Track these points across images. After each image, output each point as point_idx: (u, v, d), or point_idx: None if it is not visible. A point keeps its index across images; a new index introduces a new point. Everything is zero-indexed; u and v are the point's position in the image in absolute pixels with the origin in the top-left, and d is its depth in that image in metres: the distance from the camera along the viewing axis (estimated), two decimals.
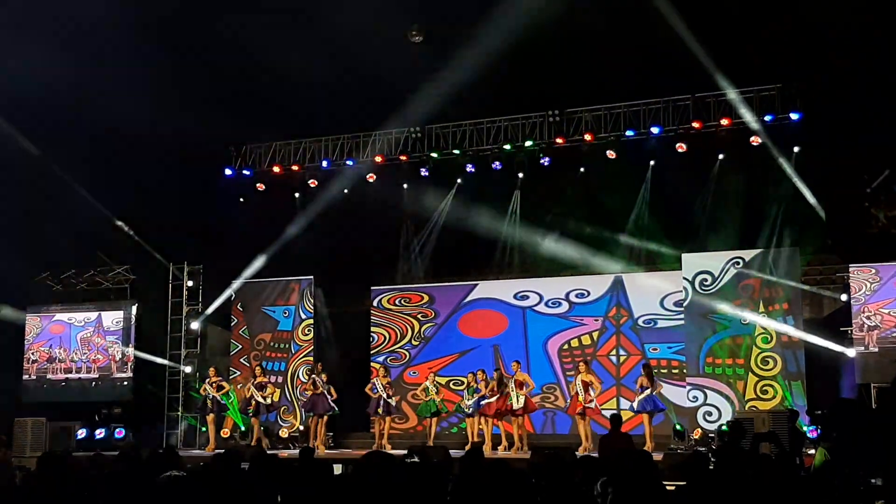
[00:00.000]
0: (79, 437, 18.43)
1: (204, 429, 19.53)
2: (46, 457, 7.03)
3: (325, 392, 17.32)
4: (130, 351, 20.29)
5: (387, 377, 17.73)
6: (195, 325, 20.37)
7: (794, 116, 16.58)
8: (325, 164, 19.69)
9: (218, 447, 17.17)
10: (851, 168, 16.31)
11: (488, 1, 15.81)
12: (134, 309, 20.51)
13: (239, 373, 19.81)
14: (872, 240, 16.20)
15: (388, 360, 19.60)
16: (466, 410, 17.05)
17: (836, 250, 16.91)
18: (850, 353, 16.32)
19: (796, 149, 16.79)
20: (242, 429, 18.74)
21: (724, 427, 15.26)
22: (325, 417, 17.48)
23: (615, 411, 15.21)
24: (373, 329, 20.01)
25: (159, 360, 20.14)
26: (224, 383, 18.37)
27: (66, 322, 21.01)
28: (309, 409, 17.60)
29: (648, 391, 15.85)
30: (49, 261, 20.88)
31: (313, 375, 17.61)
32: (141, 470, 6.78)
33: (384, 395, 17.26)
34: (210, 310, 20.40)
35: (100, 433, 18.80)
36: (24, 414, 18.38)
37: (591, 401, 15.98)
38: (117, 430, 19.03)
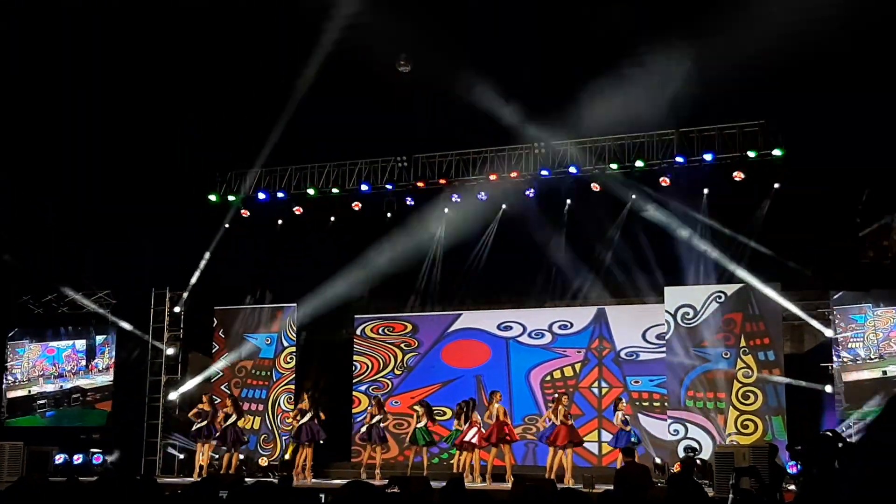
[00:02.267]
0: (57, 462, 18.27)
1: (183, 456, 19.42)
2: (22, 482, 6.97)
3: (314, 420, 17.26)
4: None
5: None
6: (171, 351, 20.25)
7: (776, 153, 16.73)
8: (310, 191, 19.70)
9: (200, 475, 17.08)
10: (833, 202, 16.46)
11: (477, 33, 15.96)
12: (115, 334, 20.40)
13: (219, 400, 19.66)
14: (858, 271, 16.31)
15: (370, 388, 19.54)
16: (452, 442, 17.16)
17: (820, 282, 16.97)
18: (829, 388, 16.39)
19: (777, 185, 16.95)
20: (216, 457, 18.56)
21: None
22: (312, 446, 17.38)
23: (628, 445, 15.20)
24: (355, 358, 19.94)
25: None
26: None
27: (46, 345, 20.86)
28: (306, 438, 17.40)
29: (620, 424, 16.01)
30: (31, 284, 20.82)
31: (306, 405, 17.41)
32: (118, 496, 6.72)
33: (380, 423, 17.39)
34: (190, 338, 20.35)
35: (78, 459, 18.65)
36: (2, 438, 18.21)
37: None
38: (95, 455, 18.87)
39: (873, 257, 16.26)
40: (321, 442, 17.42)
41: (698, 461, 15.76)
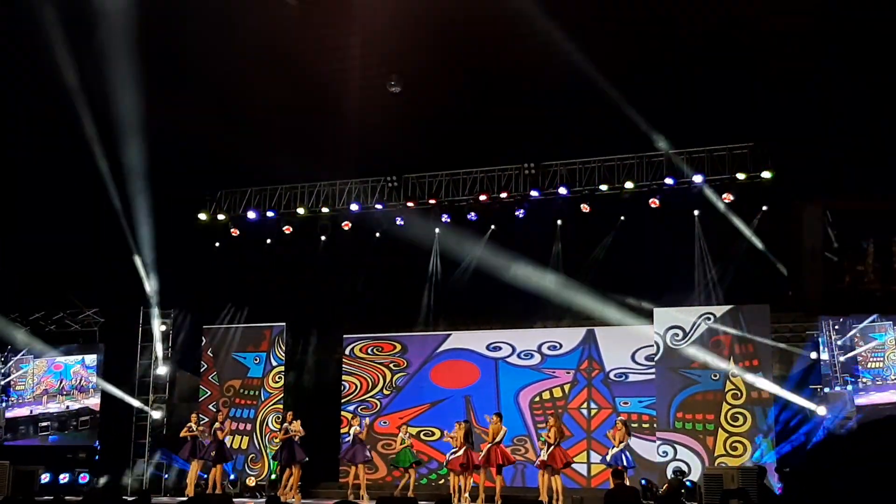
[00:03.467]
0: (43, 481, 18.14)
1: (166, 476, 19.33)
2: (7, 501, 6.93)
3: (297, 440, 17.22)
4: (97, 396, 20.08)
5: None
6: (163, 370, 20.17)
7: (765, 175, 16.80)
8: (300, 210, 19.71)
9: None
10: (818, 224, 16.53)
11: (466, 52, 16.03)
12: (102, 353, 20.30)
13: (206, 419, 19.58)
14: (836, 295, 16.32)
15: (358, 409, 19.48)
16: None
17: (799, 306, 16.99)
18: (822, 410, 16.38)
19: (765, 207, 17.02)
20: (205, 476, 18.45)
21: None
22: (299, 467, 17.31)
23: (618, 467, 15.13)
24: (344, 377, 19.89)
25: (131, 401, 19.85)
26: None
27: (53, 360, 20.69)
28: (287, 459, 17.38)
29: (622, 445, 15.82)
30: (18, 302, 20.73)
31: (285, 425, 17.43)
32: None
33: (362, 442, 17.37)
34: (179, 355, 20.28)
35: (64, 478, 18.52)
36: None
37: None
38: (81, 475, 18.75)
39: (849, 282, 16.29)
40: (298, 464, 17.37)
41: (688, 483, 15.72)
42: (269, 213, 19.92)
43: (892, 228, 16.26)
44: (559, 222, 18.58)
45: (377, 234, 19.54)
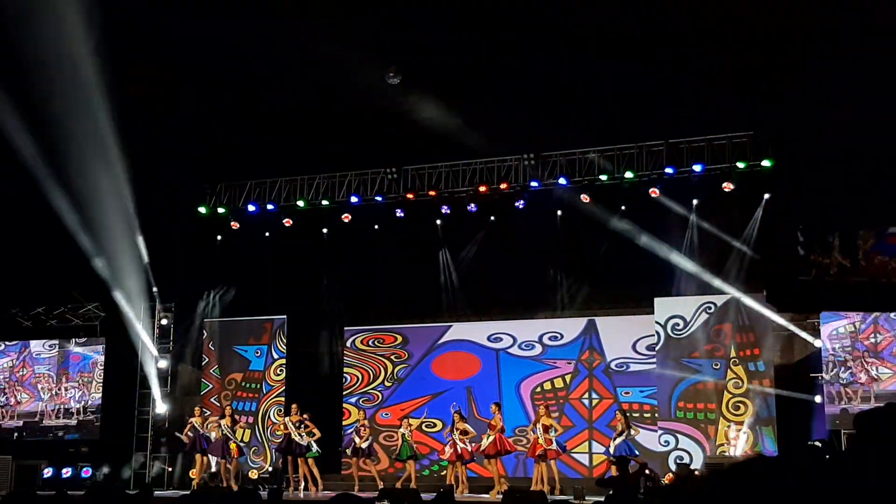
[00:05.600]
0: (45, 476, 18.17)
1: (171, 469, 19.36)
2: (11, 496, 6.94)
3: (296, 433, 17.29)
4: (98, 389, 20.11)
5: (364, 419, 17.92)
6: (164, 364, 20.18)
7: (765, 164, 16.79)
8: (300, 203, 19.69)
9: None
10: (814, 217, 16.56)
11: (465, 44, 16.02)
12: (103, 347, 20.30)
13: (209, 412, 19.59)
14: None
15: (360, 401, 19.50)
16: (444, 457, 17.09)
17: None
18: (818, 399, 16.41)
19: (766, 196, 17.02)
20: (213, 469, 18.50)
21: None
22: (307, 458, 17.41)
23: (621, 455, 15.19)
24: (346, 370, 19.90)
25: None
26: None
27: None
28: (285, 450, 17.57)
29: (624, 436, 15.85)
30: (19, 296, 20.73)
31: (286, 418, 17.53)
32: None
33: (365, 437, 17.40)
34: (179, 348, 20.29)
35: (66, 472, 18.54)
36: None
37: (550, 442, 15.97)
38: (84, 469, 18.78)
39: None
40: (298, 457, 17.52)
41: (696, 472, 15.71)
42: (269, 206, 19.91)
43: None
44: (559, 213, 18.56)
45: (377, 227, 19.52)
